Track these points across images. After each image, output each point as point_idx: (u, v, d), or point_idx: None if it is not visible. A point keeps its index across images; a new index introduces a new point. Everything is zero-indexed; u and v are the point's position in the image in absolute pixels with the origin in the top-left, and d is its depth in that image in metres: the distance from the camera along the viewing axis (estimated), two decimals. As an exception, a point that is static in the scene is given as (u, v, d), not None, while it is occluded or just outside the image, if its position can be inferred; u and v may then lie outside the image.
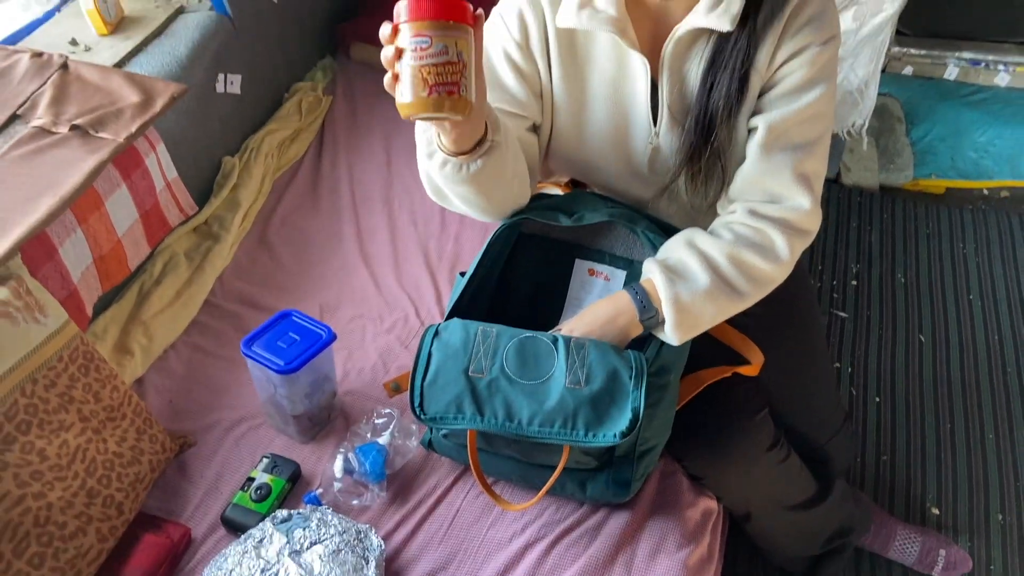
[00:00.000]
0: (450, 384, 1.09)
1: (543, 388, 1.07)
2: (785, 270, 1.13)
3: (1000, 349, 1.99)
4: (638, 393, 1.06)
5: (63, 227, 1.34)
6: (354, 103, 2.11)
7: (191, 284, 1.59)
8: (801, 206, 1.10)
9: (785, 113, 1.08)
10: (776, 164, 1.09)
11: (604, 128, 1.18)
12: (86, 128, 1.41)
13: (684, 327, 1.08)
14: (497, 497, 1.17)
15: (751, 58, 1.06)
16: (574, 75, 1.15)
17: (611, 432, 1.05)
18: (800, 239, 1.12)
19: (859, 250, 2.27)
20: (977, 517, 1.66)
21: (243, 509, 1.24)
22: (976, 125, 2.45)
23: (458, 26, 0.86)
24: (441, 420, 1.10)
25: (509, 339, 1.10)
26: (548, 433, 1.07)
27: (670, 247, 1.12)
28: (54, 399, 1.17)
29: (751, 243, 1.09)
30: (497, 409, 1.08)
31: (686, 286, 1.07)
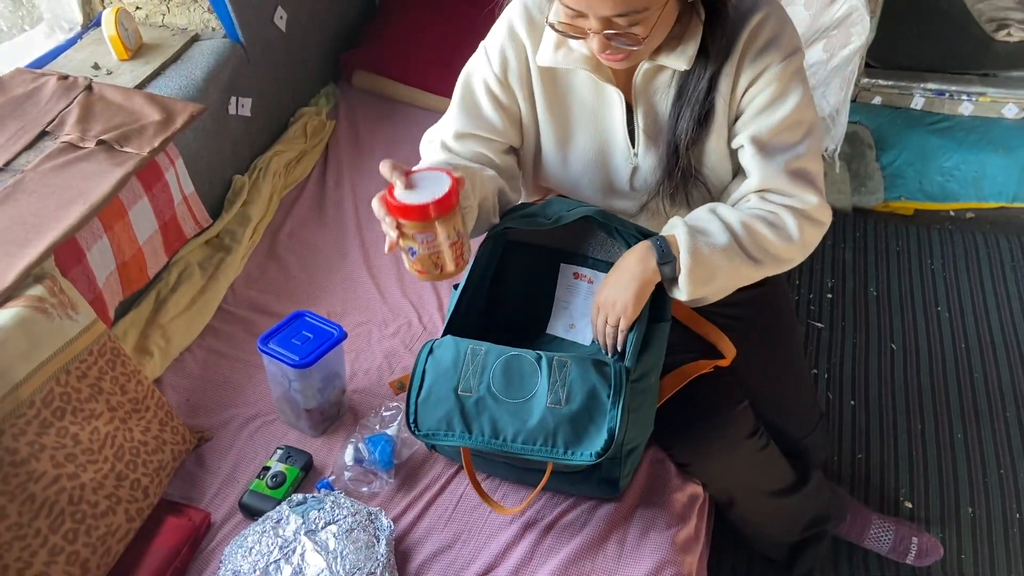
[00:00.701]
0: (441, 402, 1.18)
1: (526, 407, 1.15)
2: (797, 251, 1.18)
3: (967, 355, 2.11)
4: (615, 413, 1.13)
5: (91, 234, 1.43)
6: (356, 127, 2.23)
7: (205, 292, 1.68)
8: (809, 201, 1.16)
9: (764, 127, 1.16)
10: (771, 170, 1.16)
11: (587, 151, 1.29)
12: (112, 143, 1.51)
13: (696, 278, 1.14)
14: (491, 501, 1.26)
15: (713, 89, 1.16)
16: (557, 105, 1.26)
17: (588, 451, 1.13)
18: (811, 225, 1.17)
19: (834, 266, 2.39)
20: (948, 510, 1.76)
21: (260, 495, 1.32)
22: (942, 151, 2.59)
23: (452, 213, 1.02)
24: (433, 436, 1.19)
25: (496, 358, 1.18)
26: (530, 450, 1.15)
27: (693, 213, 1.20)
28: (85, 389, 1.25)
29: (764, 219, 1.16)
30: (484, 427, 1.16)
31: (705, 239, 1.13)
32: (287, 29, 2.10)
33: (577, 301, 1.37)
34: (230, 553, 1.21)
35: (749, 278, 1.20)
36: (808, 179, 1.17)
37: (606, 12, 1.03)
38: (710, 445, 1.34)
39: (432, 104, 2.23)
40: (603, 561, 1.23)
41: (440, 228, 1.01)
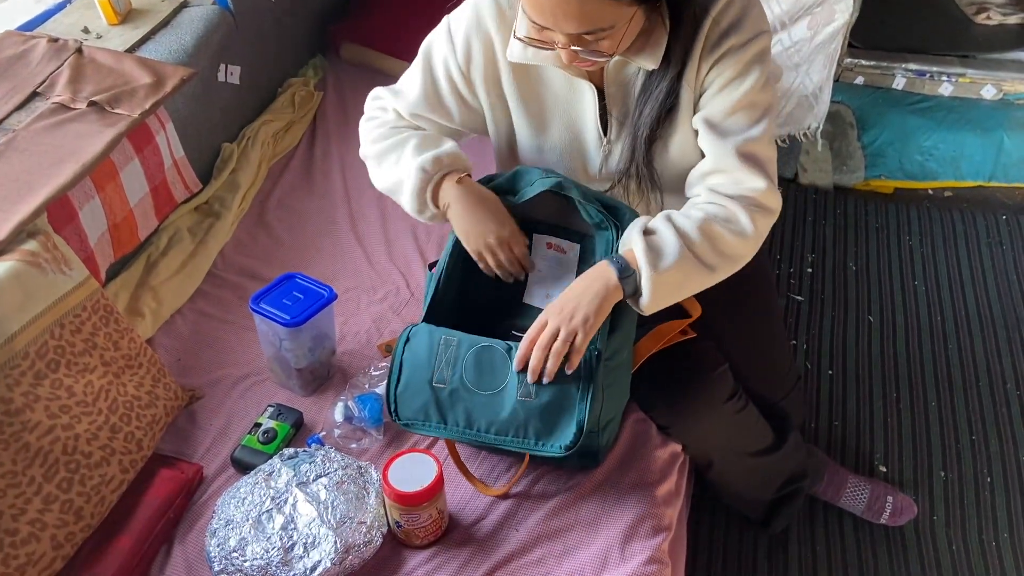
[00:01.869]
0: (417, 393, 1.21)
1: (498, 399, 1.18)
2: (751, 245, 1.19)
3: (942, 328, 2.16)
4: (583, 407, 1.16)
5: (83, 193, 1.44)
6: (344, 98, 2.24)
7: (195, 256, 1.70)
8: (757, 186, 1.16)
9: (719, 108, 1.17)
10: (722, 151, 1.16)
11: (561, 139, 1.31)
12: (103, 104, 1.52)
13: (658, 297, 1.15)
14: (475, 481, 1.29)
15: (678, 86, 1.17)
16: (530, 96, 1.28)
17: (558, 444, 1.16)
18: (763, 215, 1.18)
19: (814, 241, 2.44)
20: (921, 474, 1.81)
21: (251, 450, 1.34)
22: (922, 131, 2.63)
23: (435, 498, 1.18)
24: (412, 425, 1.22)
25: (468, 349, 1.20)
26: (503, 441, 1.19)
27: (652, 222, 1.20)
28: (79, 343, 1.27)
29: (718, 217, 1.16)
30: (458, 417, 1.20)
31: (663, 260, 1.13)
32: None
33: (552, 270, 1.37)
34: (223, 503, 1.23)
35: (706, 285, 1.20)
36: (759, 163, 1.16)
37: (572, 30, 1.04)
38: (690, 409, 1.37)
39: (420, 77, 2.24)
40: (586, 513, 1.27)
41: (423, 511, 1.18)
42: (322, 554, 1.16)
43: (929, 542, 1.69)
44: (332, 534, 1.17)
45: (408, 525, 1.20)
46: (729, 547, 1.68)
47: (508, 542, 1.24)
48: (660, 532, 1.26)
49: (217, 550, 1.18)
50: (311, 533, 1.18)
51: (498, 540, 1.24)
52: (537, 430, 1.17)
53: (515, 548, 1.23)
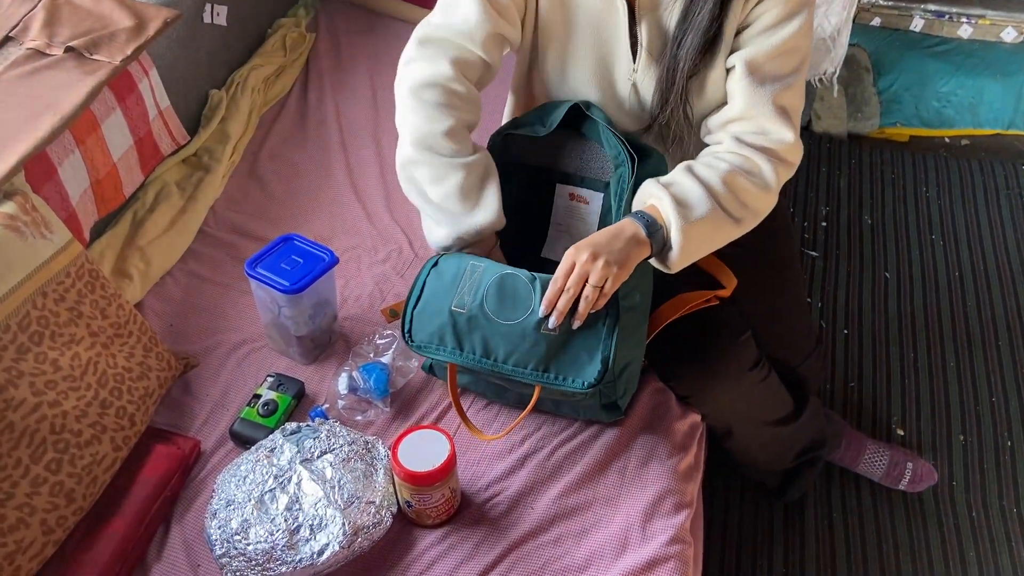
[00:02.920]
0: (435, 315, 1.14)
1: (519, 328, 1.11)
2: (772, 198, 1.17)
3: (960, 284, 2.10)
4: (610, 341, 1.10)
5: (62, 147, 1.34)
6: (337, 40, 2.11)
7: (184, 213, 1.60)
8: (785, 139, 1.13)
9: (761, 49, 1.11)
10: (756, 98, 1.12)
11: (588, 60, 1.22)
12: (81, 50, 1.41)
13: (688, 252, 1.12)
14: (471, 426, 1.23)
15: (723, 13, 1.09)
16: (560, 5, 1.18)
17: (580, 380, 1.11)
18: (784, 168, 1.16)
19: (828, 194, 2.35)
20: (940, 438, 1.77)
21: (251, 423, 1.28)
22: (939, 75, 2.53)
23: (448, 477, 1.13)
24: (425, 348, 1.16)
25: (492, 275, 1.13)
26: (521, 373, 1.13)
27: (674, 175, 1.14)
28: (64, 313, 1.18)
29: (741, 169, 1.13)
30: (475, 345, 1.13)
31: (692, 212, 1.10)
32: (264, -68, 1.96)
33: (575, 223, 1.32)
34: (223, 482, 1.17)
35: (731, 238, 1.16)
36: (789, 115, 1.14)
37: None
38: (712, 378, 1.31)
39: (417, 17, 2.11)
40: (605, 489, 1.22)
41: (436, 491, 1.13)
42: (330, 536, 1.10)
43: (948, 508, 1.65)
44: (340, 515, 1.11)
45: (419, 505, 1.15)
46: (745, 515, 1.64)
47: (523, 521, 1.19)
48: (682, 509, 1.21)
49: (218, 532, 1.12)
50: (317, 514, 1.12)
51: (513, 519, 1.19)
52: (559, 364, 1.12)
53: (531, 527, 1.18)
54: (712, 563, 1.56)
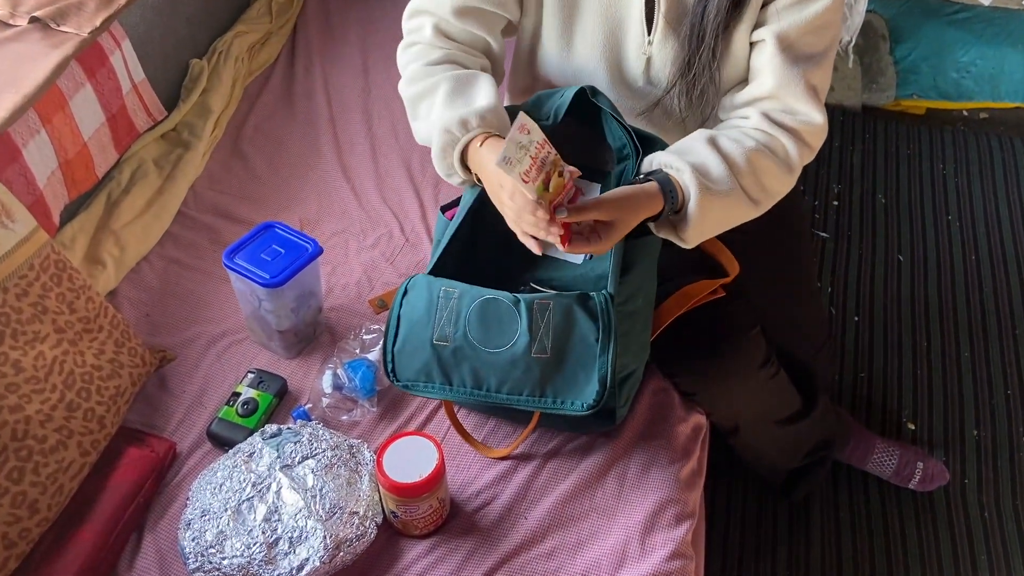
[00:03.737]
0: (417, 351, 1.08)
1: (508, 356, 1.05)
2: (792, 181, 1.12)
3: (977, 269, 2.01)
4: (605, 358, 1.03)
5: (26, 127, 1.26)
6: (327, 4, 2.00)
7: (162, 193, 1.52)
8: (813, 120, 1.09)
9: (794, 24, 1.04)
10: (788, 78, 1.07)
11: (596, 35, 1.14)
12: (46, 21, 1.31)
13: (701, 228, 1.07)
14: (474, 442, 1.18)
15: None
16: None
17: (579, 401, 1.05)
18: (807, 152, 1.11)
19: (841, 171, 2.26)
20: (952, 433, 1.70)
21: (229, 424, 1.21)
22: (959, 44, 2.43)
23: (437, 487, 1.06)
24: (413, 387, 1.10)
25: (471, 302, 1.06)
26: (517, 400, 1.07)
27: (692, 145, 1.08)
28: (27, 309, 1.11)
29: (768, 149, 1.08)
30: (465, 377, 1.07)
31: (713, 188, 1.04)
32: None
33: None
34: (198, 489, 1.10)
35: (746, 219, 1.12)
36: (819, 96, 1.09)
37: None
38: (720, 374, 1.25)
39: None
40: (602, 499, 1.15)
41: (423, 502, 1.06)
42: (310, 551, 1.04)
43: (960, 508, 1.59)
44: (321, 527, 1.05)
45: (405, 516, 1.08)
46: (748, 513, 1.58)
47: (516, 531, 1.12)
48: (684, 521, 1.14)
49: (192, 544, 1.06)
50: (297, 526, 1.05)
51: (505, 529, 1.13)
52: (555, 388, 1.06)
53: (524, 538, 1.12)
54: (714, 563, 1.51)
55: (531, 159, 0.94)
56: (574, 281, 1.17)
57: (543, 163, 0.95)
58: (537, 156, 0.94)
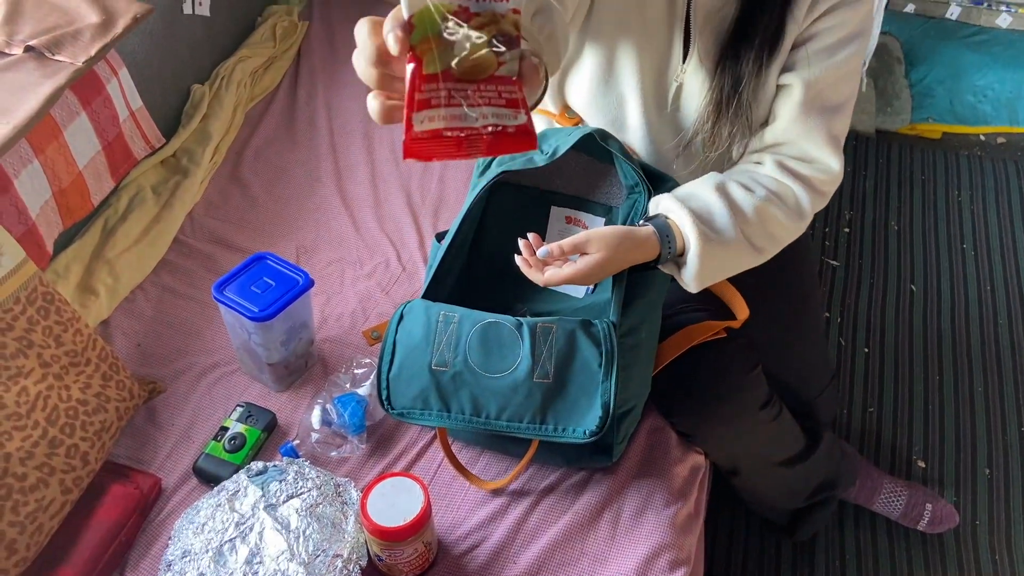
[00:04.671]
0: (414, 378, 1.06)
1: (509, 381, 1.03)
2: (801, 230, 1.12)
3: (992, 301, 1.96)
4: (608, 384, 1.01)
5: (18, 158, 1.25)
6: (332, 29, 2.00)
7: (159, 221, 1.51)
8: (831, 168, 1.08)
9: (822, 71, 1.03)
10: (812, 125, 1.06)
11: (638, 51, 1.09)
12: (42, 50, 1.31)
13: (702, 277, 1.06)
14: (470, 475, 1.15)
15: (791, 2, 1.01)
16: None
17: (581, 428, 1.03)
18: (820, 200, 1.11)
19: (853, 196, 2.22)
20: (964, 471, 1.65)
21: (216, 460, 1.19)
22: (976, 67, 2.39)
23: (422, 531, 1.03)
24: (409, 415, 1.07)
25: (471, 326, 1.05)
26: (517, 428, 1.04)
27: (698, 191, 1.06)
28: (11, 343, 1.09)
29: (778, 198, 1.07)
30: (464, 404, 1.05)
31: (715, 238, 1.02)
32: (253, -87, 1.84)
33: None
34: (180, 528, 1.08)
35: (750, 266, 1.11)
36: (839, 144, 1.08)
37: None
38: (719, 416, 1.21)
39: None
40: (594, 543, 1.12)
41: (408, 546, 1.03)
42: (291, 596, 1.01)
43: (970, 550, 1.54)
44: (303, 571, 1.02)
45: (390, 560, 1.06)
46: (749, 553, 1.54)
47: (505, 577, 1.09)
48: (678, 568, 1.11)
49: (172, 586, 1.03)
50: (279, 569, 1.03)
51: (493, 574, 1.09)
52: (556, 414, 1.03)
53: (512, 584, 1.08)
54: (714, 605, 1.47)
55: None
56: (574, 315, 1.16)
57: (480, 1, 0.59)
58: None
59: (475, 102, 0.59)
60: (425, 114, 0.58)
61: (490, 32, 0.58)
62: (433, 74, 0.58)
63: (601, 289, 1.19)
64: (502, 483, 1.15)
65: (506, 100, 0.60)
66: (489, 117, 0.59)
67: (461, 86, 0.59)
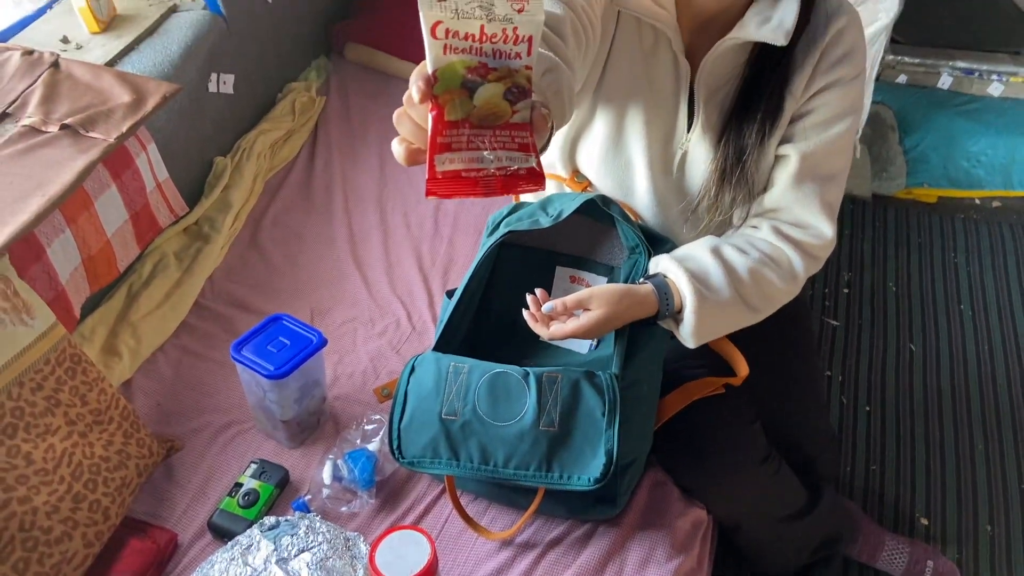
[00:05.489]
0: (425, 427, 1.10)
1: (516, 429, 1.07)
2: (794, 292, 1.16)
3: (990, 360, 1.99)
4: (611, 433, 1.05)
5: (52, 227, 1.32)
6: (348, 103, 2.10)
7: (181, 285, 1.58)
8: (824, 234, 1.13)
9: (818, 143, 1.09)
10: (806, 194, 1.11)
11: (646, 119, 1.15)
12: (76, 127, 1.40)
13: (699, 335, 1.11)
14: (477, 526, 1.18)
15: (789, 80, 1.07)
16: (634, 55, 1.12)
17: (585, 476, 1.06)
18: (813, 264, 1.15)
19: (851, 258, 2.27)
20: (966, 528, 1.66)
21: (230, 515, 1.23)
22: (969, 134, 2.45)
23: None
24: (418, 464, 1.11)
25: (480, 376, 1.09)
26: (524, 476, 1.08)
27: (695, 252, 1.12)
28: (41, 402, 1.15)
29: (772, 261, 1.12)
30: (472, 452, 1.08)
31: (711, 296, 1.08)
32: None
33: None
34: (195, 582, 1.12)
35: (746, 324, 1.16)
36: (832, 211, 1.13)
37: None
38: (717, 472, 1.24)
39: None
40: (596, 598, 1.15)
41: None
42: (301, 647, 1.04)
43: (974, 607, 1.54)
44: (313, 623, 1.05)
45: None
46: (754, 609, 1.55)
47: (509, 631, 1.12)
48: (679, 621, 1.13)
49: (186, 639, 1.07)
50: (290, 621, 1.06)
51: (498, 628, 1.12)
52: (562, 462, 1.06)
53: (517, 639, 1.11)
54: (718, 663, 1.47)
55: (480, 28, 0.63)
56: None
57: (497, 57, 0.65)
58: (495, 38, 0.64)
59: (491, 146, 0.66)
60: (446, 156, 0.65)
61: (506, 84, 0.65)
62: (454, 121, 0.65)
63: (604, 345, 1.24)
64: (509, 533, 1.18)
65: (519, 145, 0.67)
66: (503, 160, 0.66)
67: (479, 132, 0.66)
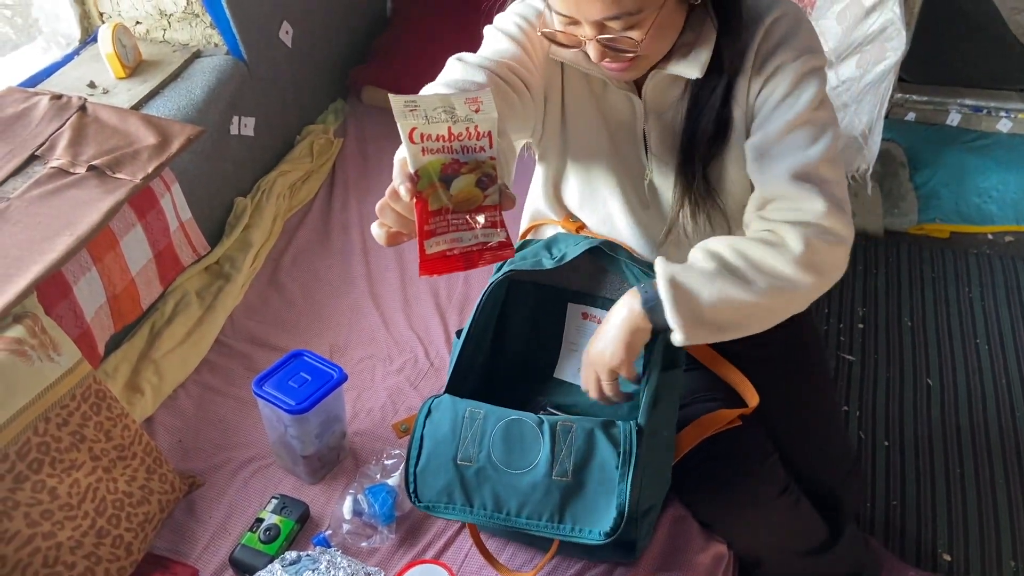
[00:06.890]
0: (440, 471, 1.09)
1: (529, 478, 1.06)
2: (805, 269, 0.99)
3: (1008, 392, 1.98)
4: (624, 487, 1.04)
5: (78, 266, 1.35)
6: (364, 145, 2.14)
7: (202, 323, 1.60)
8: (816, 208, 0.98)
9: (770, 130, 1.04)
10: (771, 177, 1.02)
11: (610, 155, 1.18)
12: (103, 169, 1.43)
13: (683, 312, 0.99)
14: (495, 562, 1.18)
15: (729, 100, 1.07)
16: (586, 98, 1.16)
17: (597, 530, 1.05)
18: (822, 240, 0.99)
19: (865, 294, 2.28)
20: (989, 563, 1.64)
21: (252, 550, 1.23)
22: (979, 171, 2.46)
23: None
24: (434, 508, 1.10)
25: (495, 423, 1.09)
26: (536, 526, 1.07)
27: None
28: (66, 438, 1.17)
29: (759, 240, 1.01)
30: (486, 499, 1.08)
31: (684, 269, 1.01)
32: (293, 44, 2.02)
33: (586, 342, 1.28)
34: (217, 617, 1.12)
35: (745, 298, 1.00)
36: (816, 183, 0.99)
37: (596, 16, 0.96)
38: (736, 505, 1.23)
39: (445, 121, 2.14)
40: (619, 636, 1.14)
41: None
42: None
43: (1000, 646, 1.52)
44: (334, 659, 1.05)
45: None
46: (777, 648, 1.52)
47: (529, 669, 1.11)
48: (702, 657, 1.12)
49: (208, 674, 1.06)
50: (311, 657, 1.06)
51: (519, 665, 1.12)
52: (574, 514, 1.05)
53: (538, 677, 1.10)
54: None
55: (448, 130, 0.76)
56: (592, 407, 1.20)
57: (465, 152, 0.77)
58: (461, 136, 0.76)
59: (468, 227, 0.78)
60: (433, 240, 0.77)
61: (476, 175, 0.77)
62: (436, 210, 0.77)
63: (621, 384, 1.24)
64: (529, 575, 1.18)
65: (490, 223, 0.79)
66: (480, 237, 0.79)
67: (457, 216, 0.78)
